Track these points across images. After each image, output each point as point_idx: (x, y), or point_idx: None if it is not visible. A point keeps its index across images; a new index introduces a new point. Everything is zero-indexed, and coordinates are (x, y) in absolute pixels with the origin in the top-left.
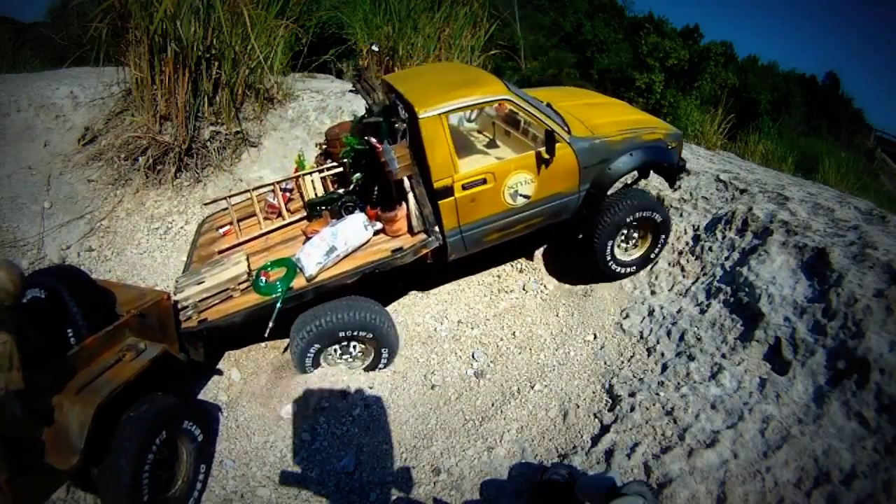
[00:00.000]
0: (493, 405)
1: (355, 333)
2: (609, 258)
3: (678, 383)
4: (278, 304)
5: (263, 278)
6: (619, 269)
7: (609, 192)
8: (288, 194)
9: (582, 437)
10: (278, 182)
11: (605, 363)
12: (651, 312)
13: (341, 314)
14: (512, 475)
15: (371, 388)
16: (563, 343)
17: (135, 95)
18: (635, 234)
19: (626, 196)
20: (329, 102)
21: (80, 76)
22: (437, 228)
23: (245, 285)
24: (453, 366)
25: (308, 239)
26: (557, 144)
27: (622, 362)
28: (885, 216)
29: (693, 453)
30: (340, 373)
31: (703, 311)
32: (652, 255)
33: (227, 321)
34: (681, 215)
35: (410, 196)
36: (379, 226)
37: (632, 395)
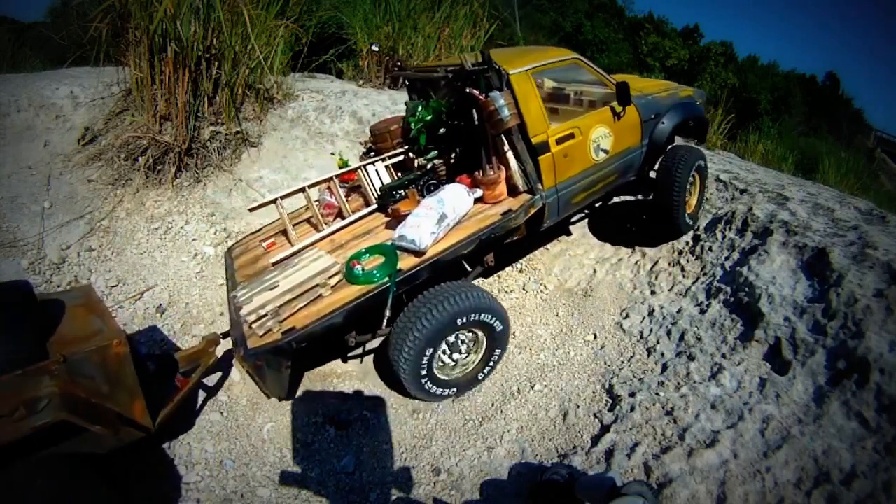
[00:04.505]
0: (493, 405)
1: (473, 318)
2: (685, 211)
3: (678, 383)
4: (393, 287)
5: (359, 267)
6: (691, 221)
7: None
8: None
9: (582, 437)
10: (337, 175)
11: (605, 363)
12: (651, 312)
13: (452, 299)
14: (512, 475)
15: (371, 387)
16: (563, 343)
17: (135, 95)
18: (689, 186)
19: (682, 150)
20: (329, 102)
21: (80, 76)
22: (540, 186)
23: (336, 279)
24: None
25: (402, 217)
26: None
27: (622, 362)
28: (885, 216)
29: (693, 453)
30: (340, 373)
31: (703, 311)
32: (700, 207)
33: (324, 324)
34: None
35: (510, 154)
36: (479, 193)
37: (632, 395)
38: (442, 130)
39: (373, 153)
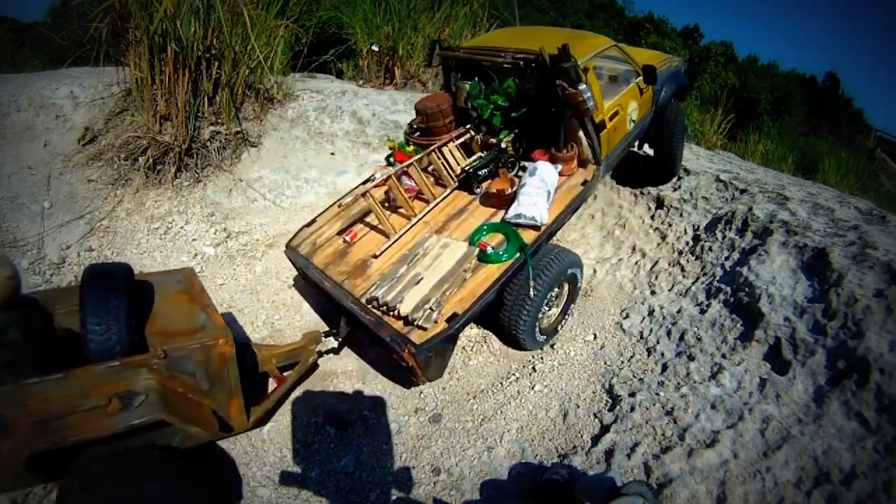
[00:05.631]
0: (493, 405)
1: (570, 273)
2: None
3: (678, 383)
4: (529, 260)
5: (489, 247)
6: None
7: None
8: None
9: (582, 437)
10: (419, 159)
11: (605, 363)
12: (651, 312)
13: (559, 257)
14: (512, 475)
15: (371, 387)
16: (563, 343)
17: (135, 95)
18: None
19: (676, 112)
20: (329, 102)
21: (80, 76)
22: (602, 158)
23: (473, 262)
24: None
25: (507, 197)
26: (638, 79)
27: (622, 362)
28: (885, 216)
29: (693, 453)
30: (339, 373)
31: (703, 311)
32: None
33: (482, 305)
34: (681, 215)
35: (581, 133)
36: (559, 167)
37: (632, 395)
38: (514, 114)
39: (418, 133)
